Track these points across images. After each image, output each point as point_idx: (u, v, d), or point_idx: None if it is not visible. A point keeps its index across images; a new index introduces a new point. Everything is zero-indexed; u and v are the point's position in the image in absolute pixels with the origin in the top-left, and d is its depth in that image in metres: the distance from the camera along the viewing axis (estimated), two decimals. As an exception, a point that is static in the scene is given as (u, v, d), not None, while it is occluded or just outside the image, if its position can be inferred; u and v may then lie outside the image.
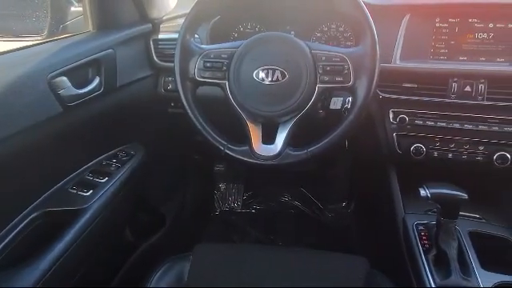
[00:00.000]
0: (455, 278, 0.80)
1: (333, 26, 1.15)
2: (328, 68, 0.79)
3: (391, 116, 1.02)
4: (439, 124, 0.99)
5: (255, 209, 1.75)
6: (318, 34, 1.16)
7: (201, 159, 1.54)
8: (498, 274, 0.82)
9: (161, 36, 1.15)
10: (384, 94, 1.01)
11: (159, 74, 1.15)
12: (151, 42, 1.13)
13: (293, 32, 1.17)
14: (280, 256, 0.94)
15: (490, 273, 0.82)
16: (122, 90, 1.04)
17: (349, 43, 1.14)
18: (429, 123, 0.99)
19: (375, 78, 0.77)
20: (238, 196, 1.77)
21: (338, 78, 0.79)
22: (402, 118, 1.00)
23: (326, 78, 0.79)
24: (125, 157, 1.06)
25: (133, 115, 1.11)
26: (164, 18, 1.17)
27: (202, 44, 0.93)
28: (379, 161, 1.10)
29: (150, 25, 1.12)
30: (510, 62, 0.94)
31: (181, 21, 1.03)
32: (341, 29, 1.15)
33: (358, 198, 1.65)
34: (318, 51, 0.80)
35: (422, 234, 0.94)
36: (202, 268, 0.89)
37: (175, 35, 0.87)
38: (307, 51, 0.80)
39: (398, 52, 0.99)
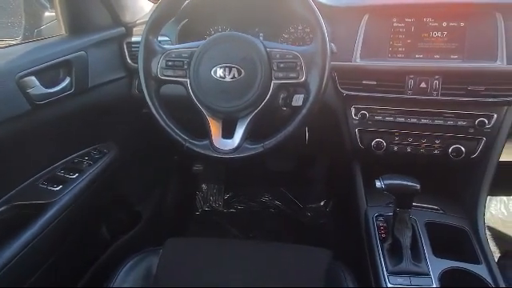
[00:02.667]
0: (406, 264, 0.84)
1: (299, 28, 1.19)
2: (282, 65, 0.83)
3: (353, 112, 1.06)
4: (398, 119, 1.03)
5: (236, 208, 1.79)
6: (286, 36, 1.20)
7: (180, 159, 1.58)
8: (448, 261, 0.86)
9: (134, 39, 1.19)
10: (346, 91, 1.04)
11: (133, 76, 1.19)
12: (125, 45, 1.17)
13: (261, 34, 1.21)
14: (248, 249, 0.98)
15: (440, 259, 0.86)
16: (95, 91, 1.08)
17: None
18: (388, 119, 1.03)
19: (326, 74, 0.81)
20: (219, 196, 1.81)
21: (291, 75, 0.83)
22: (363, 113, 1.04)
23: (281, 75, 0.83)
24: (97, 155, 1.09)
25: (107, 115, 1.15)
26: (137, 21, 1.21)
27: (172, 45, 0.98)
28: (344, 156, 1.14)
29: (123, 28, 1.17)
30: (462, 58, 0.98)
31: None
32: (307, 30, 1.19)
33: (335, 196, 1.68)
34: (273, 49, 0.84)
35: (381, 224, 0.97)
36: (171, 262, 0.92)
37: None
38: (262, 49, 0.84)
39: (357, 51, 1.03)
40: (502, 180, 1.62)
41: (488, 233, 1.56)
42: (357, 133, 1.06)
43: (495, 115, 0.96)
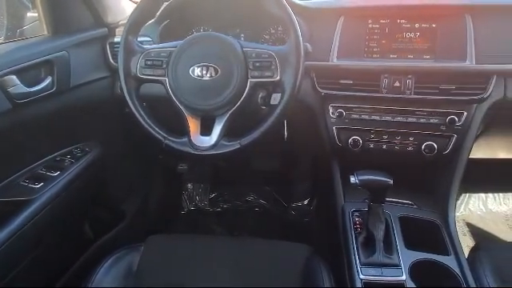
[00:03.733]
0: (378, 256, 0.87)
1: (279, 29, 1.22)
2: (257, 64, 0.86)
3: (331, 111, 1.09)
4: (373, 117, 1.06)
5: (221, 207, 1.81)
6: (267, 37, 1.23)
7: (165, 159, 1.60)
8: (419, 253, 0.89)
9: (117, 39, 1.21)
10: (323, 90, 1.07)
11: (116, 76, 1.21)
12: (107, 46, 1.19)
13: (243, 35, 1.24)
14: (228, 245, 1.00)
15: (411, 251, 0.89)
16: (77, 90, 1.09)
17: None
18: (364, 117, 1.07)
19: (300, 73, 0.84)
20: (204, 195, 1.83)
21: (266, 73, 0.85)
22: (340, 112, 1.07)
23: (256, 73, 0.86)
24: (80, 153, 1.11)
25: (89, 114, 1.16)
26: (120, 22, 1.23)
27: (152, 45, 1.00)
28: (324, 154, 1.17)
29: (106, 29, 1.18)
30: (434, 58, 1.02)
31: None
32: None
33: (318, 195, 1.71)
34: (249, 49, 0.87)
35: (357, 219, 1.00)
36: (152, 258, 0.93)
37: None
38: (238, 49, 0.86)
39: (334, 51, 1.06)
40: (479, 177, 1.68)
41: (466, 229, 1.61)
42: (334, 131, 1.09)
43: (465, 113, 1.00)
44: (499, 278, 0.83)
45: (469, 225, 1.65)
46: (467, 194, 1.73)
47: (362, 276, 0.85)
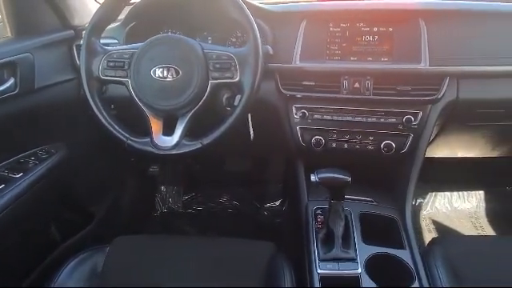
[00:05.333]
0: (336, 251, 0.90)
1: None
2: (218, 65, 0.88)
3: (294, 111, 1.12)
4: (335, 118, 1.09)
5: (195, 209, 1.82)
6: (233, 40, 1.25)
7: (137, 161, 1.60)
8: (376, 247, 0.92)
9: (84, 42, 1.22)
10: (287, 92, 1.10)
11: None
12: (74, 48, 1.19)
13: (210, 37, 1.26)
14: (194, 245, 1.01)
15: (369, 246, 0.93)
16: (42, 92, 1.09)
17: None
18: (326, 117, 1.10)
19: (258, 74, 0.86)
20: (178, 197, 1.83)
21: (226, 74, 0.88)
22: (303, 112, 1.10)
23: (217, 75, 0.88)
24: (45, 155, 1.10)
25: (56, 116, 1.16)
26: (87, 25, 1.23)
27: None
28: (289, 154, 1.20)
29: (72, 31, 1.19)
30: (392, 61, 1.06)
31: (105, 27, 1.10)
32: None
33: (289, 195, 1.74)
34: (210, 50, 0.89)
35: (318, 217, 1.03)
36: (118, 259, 0.94)
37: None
38: (199, 50, 0.88)
39: (297, 53, 1.09)
40: (445, 177, 1.74)
41: (432, 226, 1.67)
42: (298, 131, 1.12)
43: (421, 113, 1.04)
44: (450, 268, 0.87)
45: (435, 222, 1.70)
46: (434, 193, 1.79)
47: (319, 271, 0.87)
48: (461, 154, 1.37)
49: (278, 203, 1.80)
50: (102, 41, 1.08)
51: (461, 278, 0.85)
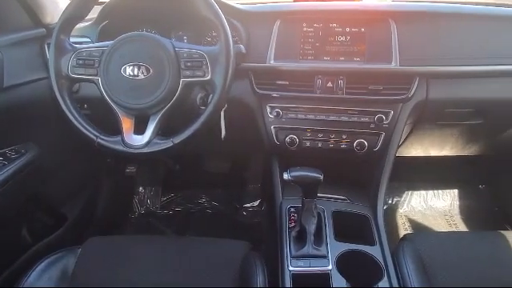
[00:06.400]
0: (307, 248, 0.91)
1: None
2: (189, 64, 0.88)
3: (268, 110, 1.12)
4: (308, 116, 1.10)
5: (173, 210, 1.81)
6: (209, 39, 1.25)
7: (113, 162, 1.58)
8: (347, 244, 0.94)
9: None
10: (261, 91, 1.11)
11: None
12: (46, 46, 1.17)
13: (185, 37, 1.26)
14: (168, 244, 1.01)
15: (340, 243, 0.94)
16: (11, 91, 1.07)
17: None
18: (300, 116, 1.11)
19: (229, 72, 0.86)
20: (156, 198, 1.82)
21: (197, 73, 0.88)
22: (277, 111, 1.11)
23: (188, 73, 0.88)
24: (14, 155, 1.08)
25: (26, 115, 1.13)
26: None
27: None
28: (260, 152, 1.20)
29: (44, 29, 1.17)
30: (364, 60, 1.07)
31: (78, 26, 1.09)
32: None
33: (268, 195, 1.74)
34: (181, 49, 0.89)
35: (292, 215, 1.04)
36: (90, 260, 0.92)
37: (71, 39, 0.93)
38: (171, 49, 0.88)
39: (271, 53, 1.09)
40: (421, 175, 1.77)
41: (408, 224, 1.69)
42: (272, 130, 1.13)
43: (392, 112, 1.06)
44: (419, 263, 0.89)
45: (410, 220, 1.73)
46: (410, 192, 1.82)
47: (291, 268, 0.88)
48: (433, 152, 1.40)
49: (256, 203, 1.80)
50: (75, 39, 1.06)
51: (429, 272, 0.87)
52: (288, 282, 0.86)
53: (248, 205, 1.81)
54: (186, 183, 1.86)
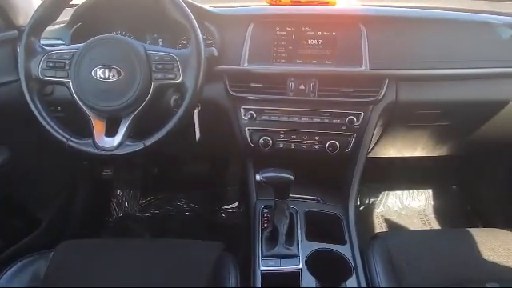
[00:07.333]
0: (279, 248, 0.92)
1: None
2: (160, 66, 0.88)
3: (242, 112, 1.13)
4: (282, 118, 1.12)
5: (152, 213, 1.80)
6: (184, 42, 1.26)
7: (90, 165, 1.57)
8: (318, 243, 0.95)
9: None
10: (235, 93, 1.12)
11: None
12: (18, 48, 1.16)
13: (160, 39, 1.26)
14: (142, 247, 1.00)
15: (311, 243, 0.95)
16: None
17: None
18: (273, 118, 1.12)
19: (200, 75, 0.87)
20: (134, 202, 1.81)
21: (169, 75, 0.88)
22: (251, 114, 1.12)
23: (159, 75, 0.89)
24: (-16, 158, 1.07)
25: None
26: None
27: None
28: (237, 154, 1.21)
29: (16, 31, 1.15)
30: (335, 63, 1.09)
31: (49, 28, 1.08)
32: (204, 37, 1.25)
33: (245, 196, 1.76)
34: (152, 51, 0.89)
35: (265, 215, 1.05)
36: (62, 264, 0.91)
37: (43, 41, 0.93)
38: (142, 51, 0.88)
39: (245, 56, 1.11)
40: (397, 176, 1.81)
41: (384, 224, 1.73)
42: (246, 132, 1.14)
43: (362, 113, 1.09)
44: (388, 261, 0.91)
45: (386, 220, 1.77)
46: (386, 192, 1.86)
47: (262, 268, 0.89)
48: (406, 153, 1.43)
49: (236, 205, 1.81)
50: (48, 41, 1.05)
51: (397, 271, 0.89)
52: (259, 282, 0.87)
53: (227, 206, 1.82)
54: (164, 186, 1.85)
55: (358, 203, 1.82)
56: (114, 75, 0.87)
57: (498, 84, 1.11)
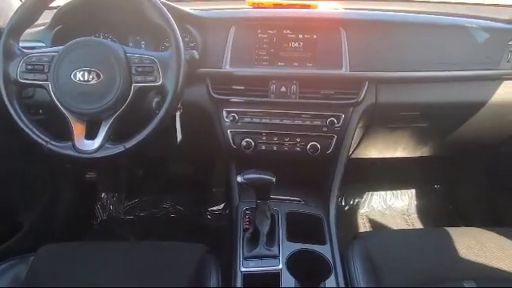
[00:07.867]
0: (259, 248, 0.93)
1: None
2: (140, 69, 0.89)
3: (225, 115, 1.14)
4: (263, 120, 1.13)
5: (137, 216, 1.79)
6: (167, 44, 1.26)
7: (73, 168, 1.55)
8: (299, 244, 0.96)
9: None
10: (218, 96, 1.13)
11: None
12: (-3, 51, 1.15)
13: (143, 42, 1.26)
14: (125, 250, 1.00)
15: (292, 243, 0.96)
16: None
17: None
18: (255, 120, 1.13)
19: (181, 77, 0.88)
20: (119, 204, 1.80)
21: (149, 78, 0.89)
22: (234, 116, 1.13)
23: (139, 78, 0.89)
24: (-37, 162, 1.05)
25: None
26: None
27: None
28: (222, 156, 1.22)
29: (-4, 33, 1.14)
30: (316, 66, 1.11)
31: (30, 30, 1.07)
32: (186, 39, 1.26)
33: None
34: (132, 54, 0.90)
35: (247, 217, 1.06)
36: (42, 268, 0.91)
37: (24, 44, 0.92)
38: (121, 54, 0.89)
39: (227, 58, 1.11)
40: (380, 176, 1.83)
41: (368, 224, 1.75)
42: (229, 134, 1.15)
43: (343, 115, 1.11)
44: (367, 260, 0.92)
45: (370, 220, 1.79)
46: (370, 192, 1.88)
47: (242, 269, 0.90)
48: (388, 154, 1.46)
49: (221, 207, 1.81)
50: (28, 44, 1.05)
51: (376, 270, 0.90)
52: (239, 283, 0.88)
53: (213, 208, 1.82)
54: (150, 188, 1.85)
55: (343, 203, 1.84)
56: (93, 78, 0.87)
57: (474, 86, 1.14)
